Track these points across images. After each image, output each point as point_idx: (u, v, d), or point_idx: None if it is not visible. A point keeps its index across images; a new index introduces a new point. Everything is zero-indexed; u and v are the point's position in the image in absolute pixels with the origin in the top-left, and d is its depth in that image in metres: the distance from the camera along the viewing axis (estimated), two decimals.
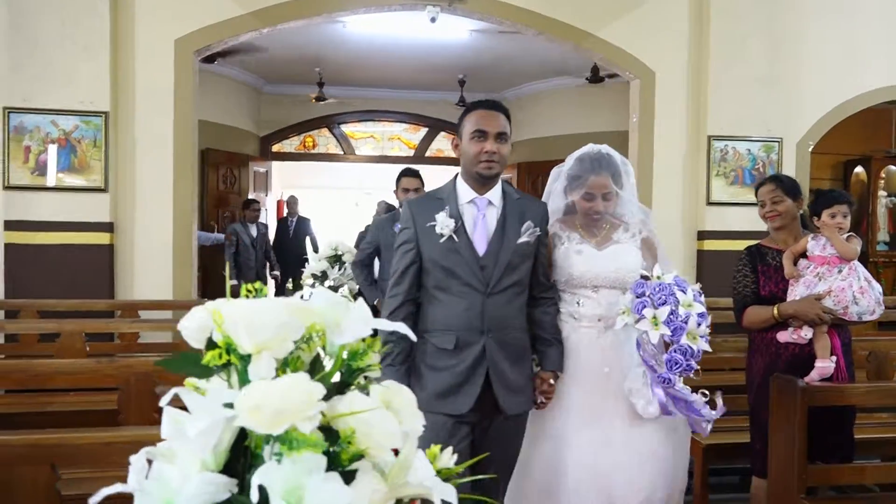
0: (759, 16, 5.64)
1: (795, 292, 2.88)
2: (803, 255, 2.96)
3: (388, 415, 0.88)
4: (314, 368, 0.96)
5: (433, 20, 5.56)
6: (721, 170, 5.69)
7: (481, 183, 2.30)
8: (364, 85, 9.71)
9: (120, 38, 5.09)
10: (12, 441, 1.72)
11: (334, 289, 4.88)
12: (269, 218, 9.44)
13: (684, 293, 2.36)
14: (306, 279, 4.92)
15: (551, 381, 2.37)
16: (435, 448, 1.02)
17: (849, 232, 2.89)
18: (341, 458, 0.86)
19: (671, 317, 2.29)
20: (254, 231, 7.41)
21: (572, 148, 9.43)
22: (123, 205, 5.15)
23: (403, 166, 11.35)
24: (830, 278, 2.82)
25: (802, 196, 3.14)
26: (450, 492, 0.93)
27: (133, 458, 0.92)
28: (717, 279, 5.61)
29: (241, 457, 0.88)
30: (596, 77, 7.77)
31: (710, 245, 5.68)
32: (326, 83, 9.18)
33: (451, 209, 2.26)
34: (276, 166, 10.28)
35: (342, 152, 10.36)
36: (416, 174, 4.41)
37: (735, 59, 5.61)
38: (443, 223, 2.23)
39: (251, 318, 0.84)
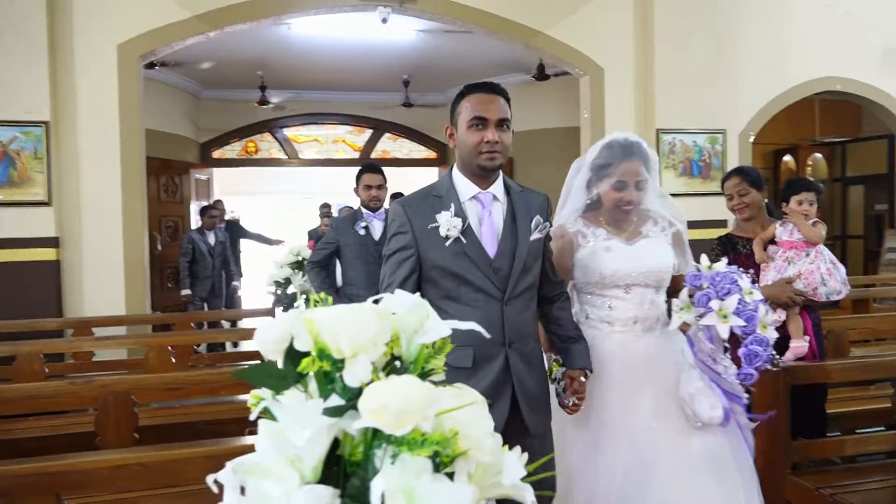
0: (700, 14, 5.84)
1: (767, 277, 3.00)
2: (772, 241, 3.08)
3: (484, 413, 0.88)
4: (392, 370, 0.95)
5: (384, 21, 5.53)
6: (670, 162, 5.87)
7: (482, 176, 2.03)
8: (307, 88, 9.58)
9: (59, 45, 4.88)
10: (17, 471, 1.63)
11: (296, 296, 4.80)
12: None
13: (742, 280, 2.14)
14: (269, 286, 4.82)
15: (582, 379, 2.11)
16: None
17: (814, 218, 3.03)
18: (443, 460, 0.85)
19: (740, 306, 2.07)
20: (212, 239, 7.12)
21: (518, 145, 9.54)
22: (69, 218, 4.94)
23: (349, 169, 11.24)
24: (799, 262, 2.94)
25: (765, 186, 3.27)
26: (528, 492, 0.92)
27: (222, 477, 0.89)
28: None
29: (335, 467, 0.87)
30: (542, 74, 7.88)
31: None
32: (268, 87, 9.00)
33: (454, 208, 1.98)
34: (218, 173, 10.03)
35: (285, 157, 10.18)
36: (378, 169, 4.17)
37: (679, 56, 5.80)
38: (448, 223, 1.95)
39: (349, 325, 0.82)
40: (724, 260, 2.21)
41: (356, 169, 12.13)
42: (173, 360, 3.57)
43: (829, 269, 2.93)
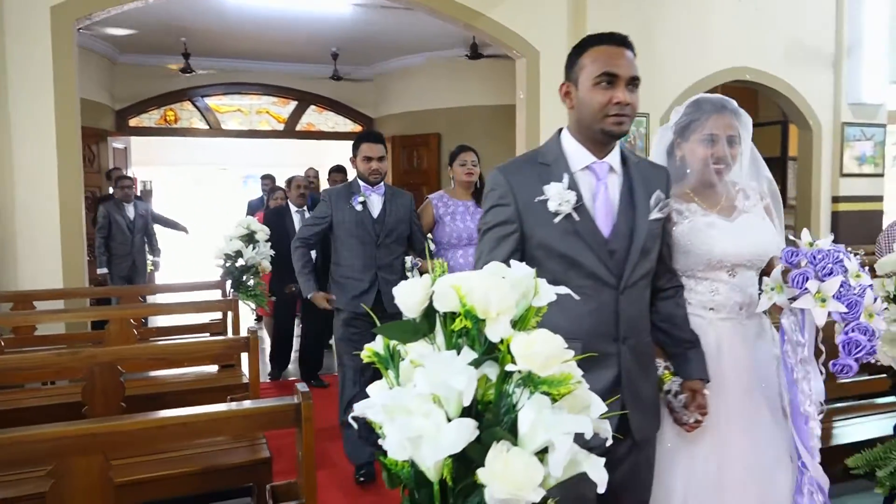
0: (630, 3, 6.18)
1: None
2: None
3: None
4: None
5: None
6: None
7: (603, 143, 1.76)
8: (232, 56, 9.36)
9: None
10: (67, 432, 1.70)
11: (247, 268, 4.83)
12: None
13: (849, 260, 1.83)
14: (217, 259, 4.81)
15: (706, 392, 1.86)
16: None
17: None
18: (554, 397, 1.06)
19: (843, 290, 1.78)
20: (130, 212, 6.65)
21: (449, 121, 9.67)
22: (1, 190, 4.74)
23: (272, 141, 10.98)
24: None
25: None
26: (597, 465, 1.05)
27: (372, 414, 1.06)
28: None
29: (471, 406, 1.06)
30: (475, 53, 8.07)
31: None
32: (192, 54, 8.75)
33: (567, 179, 1.70)
34: (136, 142, 9.67)
35: (207, 127, 9.93)
36: (379, 138, 3.71)
37: None
38: (560, 196, 1.67)
39: (495, 292, 1.01)
40: (831, 236, 1.93)
41: (280, 141, 11.83)
42: (136, 332, 3.58)
43: None
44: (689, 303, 2.04)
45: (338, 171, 6.53)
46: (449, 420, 1.02)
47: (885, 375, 3.20)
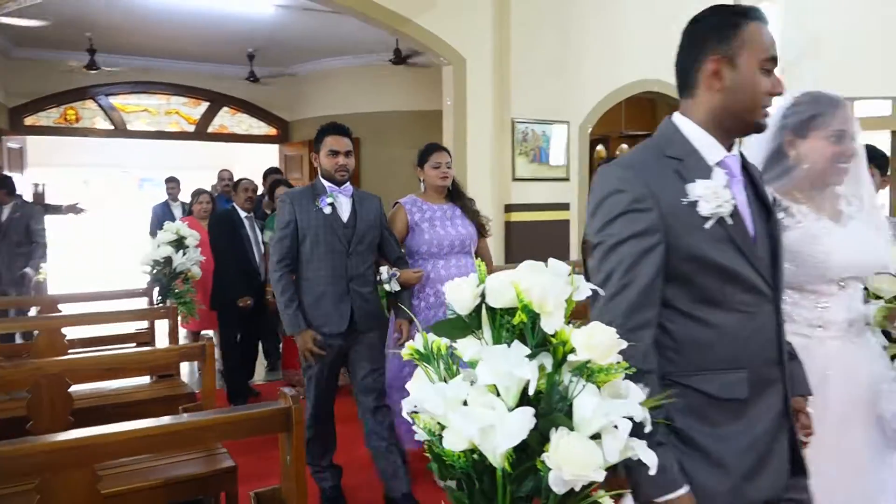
0: (550, 13, 6.42)
1: None
2: None
3: None
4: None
5: None
6: (523, 149, 6.43)
7: (735, 136, 1.48)
8: (140, 54, 8.97)
9: None
10: (55, 445, 1.62)
11: (177, 275, 4.68)
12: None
13: None
14: (144, 265, 4.63)
15: (810, 411, 1.61)
16: None
17: None
18: (598, 385, 1.14)
19: None
20: (4, 213, 6.04)
21: (368, 126, 9.69)
22: None
23: (178, 143, 10.58)
24: None
25: None
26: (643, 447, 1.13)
27: (434, 407, 1.11)
28: (524, 247, 6.40)
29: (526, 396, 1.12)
30: (399, 58, 8.11)
31: (517, 217, 6.41)
32: (98, 50, 8.33)
33: (722, 175, 1.41)
34: (32, 142, 9.08)
35: (111, 127, 9.46)
36: (345, 131, 3.25)
37: (532, 51, 6.35)
38: (716, 197, 1.36)
39: (552, 289, 1.08)
40: None
41: (188, 143, 11.41)
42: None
43: None
44: (791, 320, 1.78)
45: (275, 172, 6.31)
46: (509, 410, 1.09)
47: None
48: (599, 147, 11.61)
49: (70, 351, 4.04)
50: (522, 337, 1.15)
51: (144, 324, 4.64)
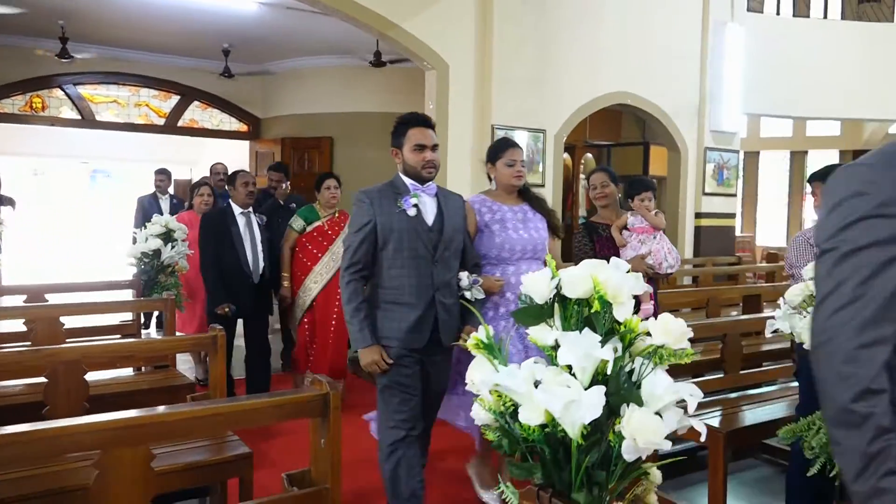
0: (531, 26, 6.62)
1: (626, 254, 3.76)
2: (625, 227, 3.85)
3: None
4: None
5: None
6: None
7: None
8: (111, 44, 8.85)
9: None
10: (110, 424, 1.69)
11: (165, 267, 4.69)
12: None
13: None
14: (131, 258, 4.63)
15: None
16: None
17: (655, 209, 3.85)
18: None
19: None
20: None
21: (343, 125, 9.78)
22: None
23: (144, 136, 10.43)
24: (649, 242, 3.74)
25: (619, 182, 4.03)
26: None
27: (518, 385, 1.24)
28: None
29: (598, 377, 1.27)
30: (379, 61, 8.20)
31: None
32: (70, 39, 8.19)
33: None
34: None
35: (79, 117, 9.30)
36: (431, 124, 2.85)
37: (512, 61, 6.53)
38: None
39: (628, 282, 1.23)
40: None
41: (161, 136, 11.30)
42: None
43: (669, 248, 3.77)
44: None
45: (277, 169, 5.92)
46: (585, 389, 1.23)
47: (791, 363, 3.76)
48: (565, 156, 11.92)
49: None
50: (587, 325, 1.29)
51: (129, 315, 4.67)
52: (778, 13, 10.69)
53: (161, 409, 1.78)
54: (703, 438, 1.28)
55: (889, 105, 9.70)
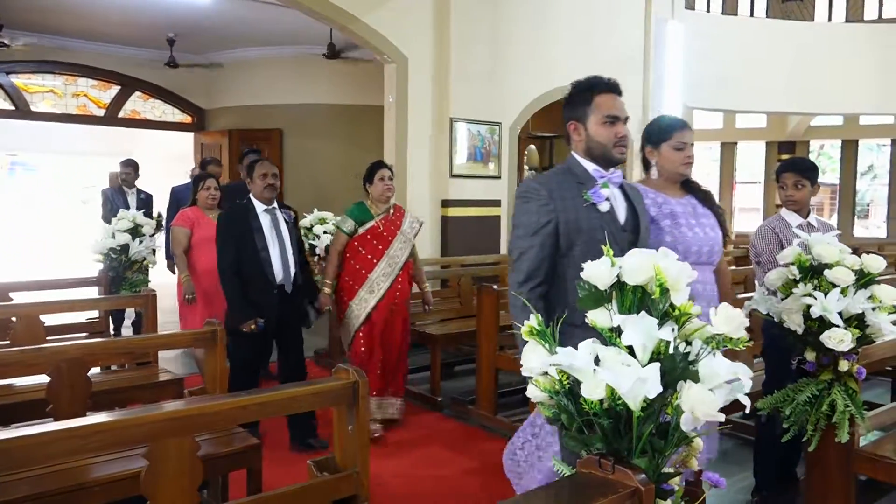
0: (486, 22, 6.76)
1: None
2: None
3: None
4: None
5: None
6: (460, 147, 6.73)
7: None
8: (48, 32, 8.50)
9: None
10: (162, 415, 1.73)
11: (133, 262, 4.62)
12: None
13: None
14: (98, 253, 4.54)
15: None
16: None
17: None
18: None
19: None
20: None
21: (293, 117, 9.78)
22: None
23: (92, 127, 10.10)
24: None
25: None
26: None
27: (580, 362, 1.37)
28: (460, 240, 6.72)
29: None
30: (333, 53, 8.18)
31: (453, 212, 6.71)
32: (4, 25, 7.84)
33: None
34: None
35: (12, 108, 8.90)
36: (619, 88, 2.27)
37: (469, 55, 6.65)
38: None
39: (686, 273, 1.37)
40: None
41: (94, 128, 10.96)
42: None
43: None
44: None
45: (254, 152, 5.51)
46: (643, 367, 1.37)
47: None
48: (531, 147, 12.18)
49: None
50: (641, 310, 1.43)
51: (96, 313, 4.58)
52: (708, 10, 11.19)
53: (201, 400, 1.83)
54: (747, 410, 1.44)
55: (811, 100, 10.33)
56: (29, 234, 17.21)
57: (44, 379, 2.60)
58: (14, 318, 3.29)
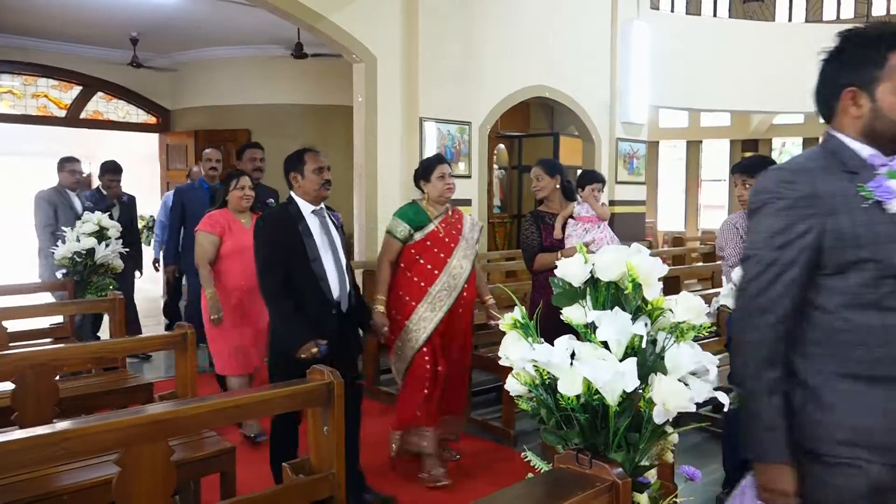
0: (455, 21, 6.77)
1: (570, 242, 3.97)
2: (571, 216, 4.07)
3: None
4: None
5: None
6: (431, 147, 6.72)
7: None
8: (3, 31, 8.29)
9: None
10: (134, 420, 1.70)
11: (97, 267, 4.52)
12: None
13: None
14: (63, 258, 4.43)
15: None
16: None
17: (602, 200, 4.09)
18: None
19: None
20: None
21: (261, 117, 9.68)
22: None
23: (53, 129, 9.90)
24: (593, 231, 3.98)
25: (562, 173, 4.23)
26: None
27: (557, 356, 1.38)
28: None
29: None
30: (300, 52, 8.11)
31: None
32: None
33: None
34: None
35: None
36: None
37: (438, 55, 6.66)
38: None
39: (656, 268, 1.39)
40: None
41: (52, 129, 10.74)
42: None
43: (612, 237, 4.02)
44: None
45: (253, 146, 5.18)
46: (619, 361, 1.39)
47: (717, 338, 4.09)
48: (501, 146, 12.20)
49: None
50: (615, 305, 1.45)
51: (59, 318, 4.49)
52: (672, 10, 11.37)
53: (176, 404, 1.80)
54: (726, 409, 1.47)
55: (773, 99, 10.55)
56: None
57: (6, 386, 2.55)
58: None
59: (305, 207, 3.10)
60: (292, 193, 3.14)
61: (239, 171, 4.23)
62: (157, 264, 6.53)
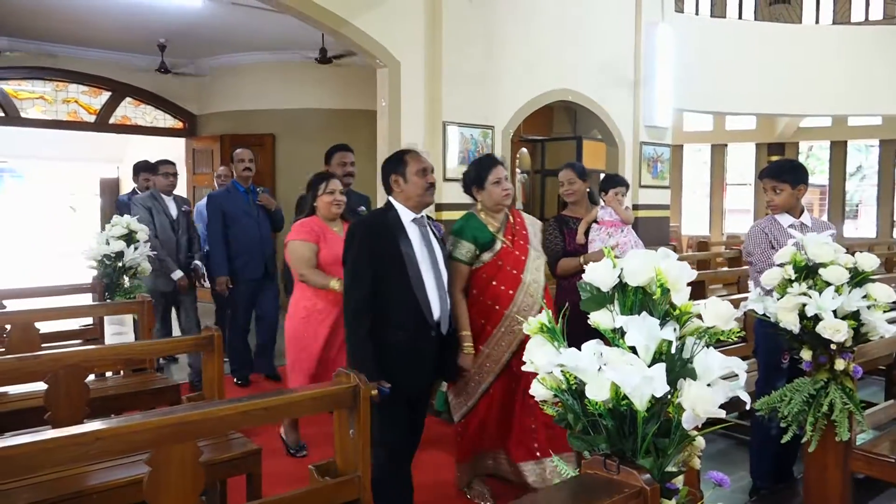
0: (478, 26, 6.78)
1: (594, 246, 3.96)
2: (595, 220, 4.05)
3: None
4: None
5: None
6: (453, 151, 6.74)
7: None
8: (37, 38, 8.46)
9: None
10: (165, 421, 1.73)
11: (126, 269, 4.59)
12: None
13: None
14: (91, 260, 4.50)
15: None
16: None
17: (626, 204, 4.07)
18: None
19: None
20: None
21: (286, 122, 9.75)
22: None
23: (83, 133, 10.04)
24: (617, 236, 3.96)
25: (589, 178, 4.23)
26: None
27: (586, 361, 1.37)
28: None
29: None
30: (325, 58, 8.18)
31: (448, 216, 6.70)
32: None
33: None
34: None
35: (3, 114, 8.85)
36: None
37: (461, 59, 6.67)
38: None
39: (683, 270, 1.38)
40: None
41: (81, 134, 10.92)
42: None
43: (636, 241, 4.00)
44: None
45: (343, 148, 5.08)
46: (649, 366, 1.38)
47: (744, 343, 4.05)
48: (524, 150, 12.21)
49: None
50: (642, 310, 1.45)
51: (90, 320, 4.56)
52: (697, 13, 11.28)
53: (204, 405, 1.83)
54: (747, 407, 1.45)
55: (800, 101, 10.42)
56: (19, 240, 17.11)
57: (38, 386, 2.60)
58: (9, 326, 3.27)
59: (406, 215, 2.76)
60: (391, 199, 2.81)
61: (327, 173, 3.87)
62: (203, 279, 5.71)
